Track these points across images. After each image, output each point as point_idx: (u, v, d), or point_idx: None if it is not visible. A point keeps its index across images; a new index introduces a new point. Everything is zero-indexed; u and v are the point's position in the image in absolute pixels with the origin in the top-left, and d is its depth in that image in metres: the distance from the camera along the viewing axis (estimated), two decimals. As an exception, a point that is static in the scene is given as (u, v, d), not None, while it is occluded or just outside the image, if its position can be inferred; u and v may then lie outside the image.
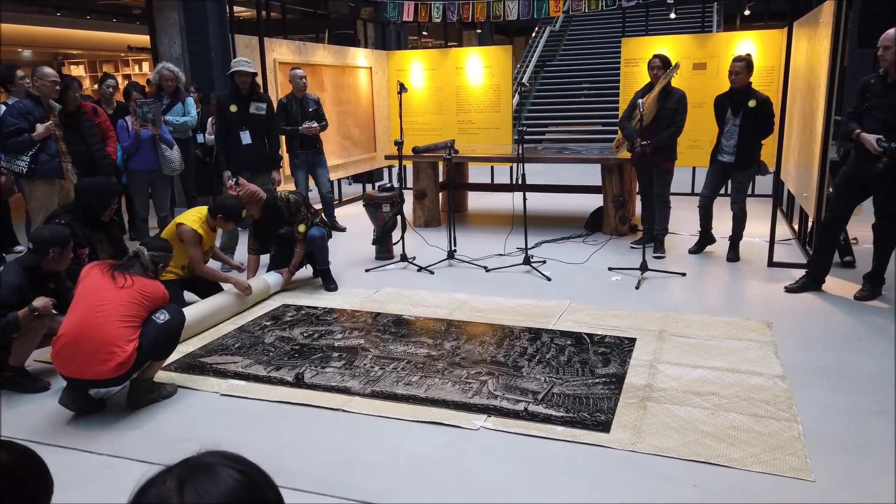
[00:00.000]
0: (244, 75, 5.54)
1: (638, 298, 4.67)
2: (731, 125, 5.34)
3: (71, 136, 5.05)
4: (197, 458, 0.88)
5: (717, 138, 5.47)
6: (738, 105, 5.27)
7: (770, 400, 3.09)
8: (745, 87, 5.26)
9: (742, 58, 5.28)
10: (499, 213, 7.90)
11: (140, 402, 3.17)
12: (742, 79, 5.22)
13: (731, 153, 5.34)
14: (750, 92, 5.26)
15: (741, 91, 5.26)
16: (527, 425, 2.93)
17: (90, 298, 3.01)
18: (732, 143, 5.32)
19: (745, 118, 5.23)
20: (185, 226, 4.37)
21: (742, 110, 5.24)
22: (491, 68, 8.64)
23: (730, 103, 5.35)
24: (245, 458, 0.92)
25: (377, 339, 3.98)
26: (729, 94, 5.37)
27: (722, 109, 5.43)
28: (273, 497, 0.89)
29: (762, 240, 5.76)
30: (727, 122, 5.37)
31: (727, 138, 5.37)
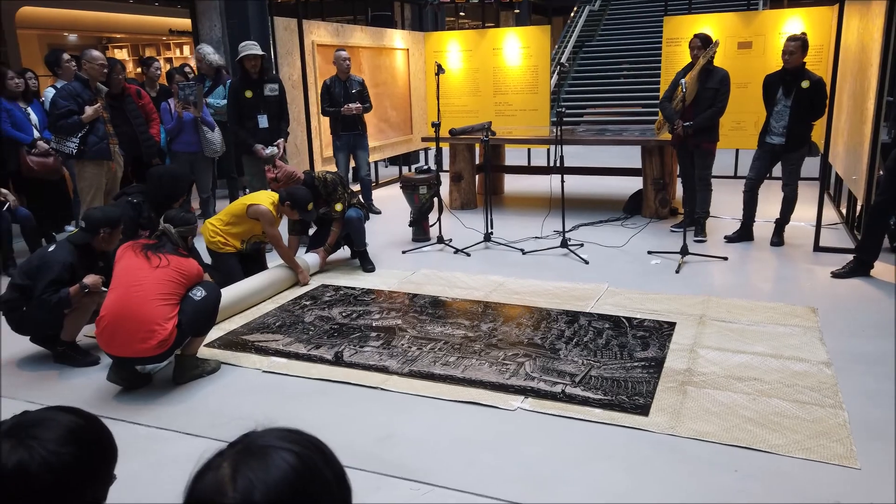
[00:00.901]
0: (254, 59, 5.44)
1: (678, 282, 4.60)
2: (781, 106, 5.17)
3: (116, 118, 5.17)
4: (253, 439, 0.88)
5: (766, 120, 5.30)
6: (791, 85, 5.10)
7: (814, 386, 3.03)
8: (799, 68, 5.08)
9: (797, 37, 5.10)
10: (536, 195, 7.84)
11: (185, 378, 3.26)
12: (796, 59, 5.05)
13: (780, 134, 5.19)
14: (803, 72, 5.09)
15: (794, 71, 5.09)
16: (564, 407, 2.92)
17: (127, 279, 3.10)
18: (782, 125, 5.16)
19: (798, 99, 5.06)
20: (260, 207, 4.48)
21: (794, 91, 5.07)
22: (529, 49, 8.54)
23: (781, 83, 5.18)
24: (304, 434, 0.92)
25: (414, 320, 4.01)
26: (780, 74, 5.20)
27: (772, 90, 5.25)
28: (331, 474, 0.88)
29: (808, 224, 5.61)
30: (777, 102, 5.20)
31: (777, 119, 5.21)
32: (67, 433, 1.07)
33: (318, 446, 0.91)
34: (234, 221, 4.56)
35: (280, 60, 6.54)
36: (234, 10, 8.63)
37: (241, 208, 4.54)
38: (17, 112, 5.29)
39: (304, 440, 0.90)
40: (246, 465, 0.84)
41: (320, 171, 5.05)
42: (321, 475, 0.87)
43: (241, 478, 0.82)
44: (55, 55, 5.68)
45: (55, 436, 1.05)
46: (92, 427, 1.14)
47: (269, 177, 4.83)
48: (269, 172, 4.84)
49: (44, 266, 3.36)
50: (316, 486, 0.86)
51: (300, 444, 0.88)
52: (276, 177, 4.79)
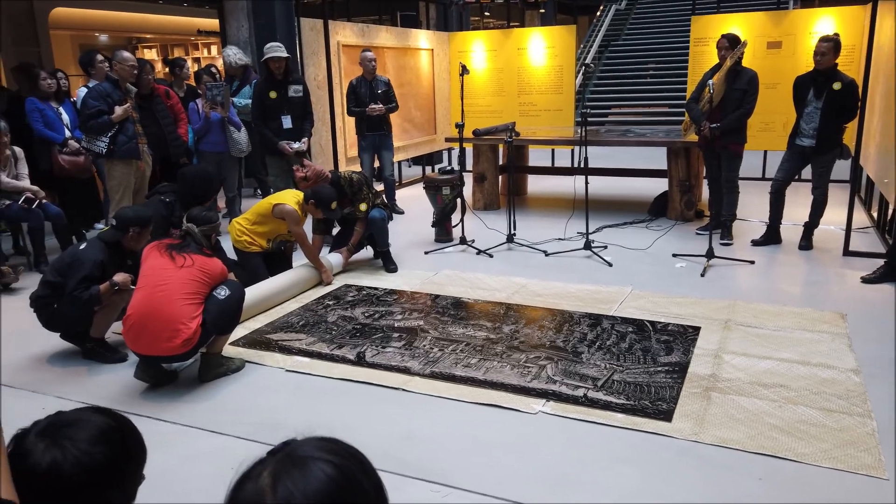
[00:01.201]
0: (278, 60, 5.49)
1: (703, 286, 4.55)
2: (812, 108, 5.08)
3: (145, 118, 5.26)
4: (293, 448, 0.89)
5: (796, 121, 5.21)
6: (822, 87, 5.01)
7: (842, 394, 2.97)
8: (831, 69, 4.99)
9: (829, 38, 5.00)
10: (559, 196, 7.80)
11: (210, 375, 3.30)
12: (828, 60, 4.95)
13: (810, 136, 5.10)
14: (835, 73, 4.99)
15: (826, 72, 4.99)
16: (586, 411, 2.91)
17: (153, 278, 3.15)
18: (813, 127, 5.07)
19: (829, 101, 4.96)
20: (286, 206, 4.53)
21: (826, 92, 4.98)
22: (554, 48, 8.49)
23: (812, 85, 5.09)
24: (343, 444, 0.93)
25: (436, 321, 4.02)
26: (812, 76, 5.11)
27: (803, 91, 5.15)
28: (369, 485, 0.89)
29: (837, 227, 5.51)
30: (808, 104, 5.10)
31: (807, 121, 5.12)
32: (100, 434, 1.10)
33: (357, 457, 0.92)
34: (260, 221, 4.61)
35: (306, 61, 6.59)
36: (261, 11, 8.72)
37: (268, 208, 4.59)
38: (49, 112, 5.41)
39: (344, 451, 0.91)
40: (286, 474, 0.85)
41: (346, 171, 5.08)
42: (360, 486, 0.88)
43: (280, 487, 0.83)
44: (89, 56, 5.78)
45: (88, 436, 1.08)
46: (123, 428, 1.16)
47: (299, 175, 4.85)
48: (298, 172, 4.87)
49: (75, 263, 3.43)
50: (355, 496, 0.87)
51: (340, 455, 0.90)
52: (305, 175, 4.82)
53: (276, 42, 5.67)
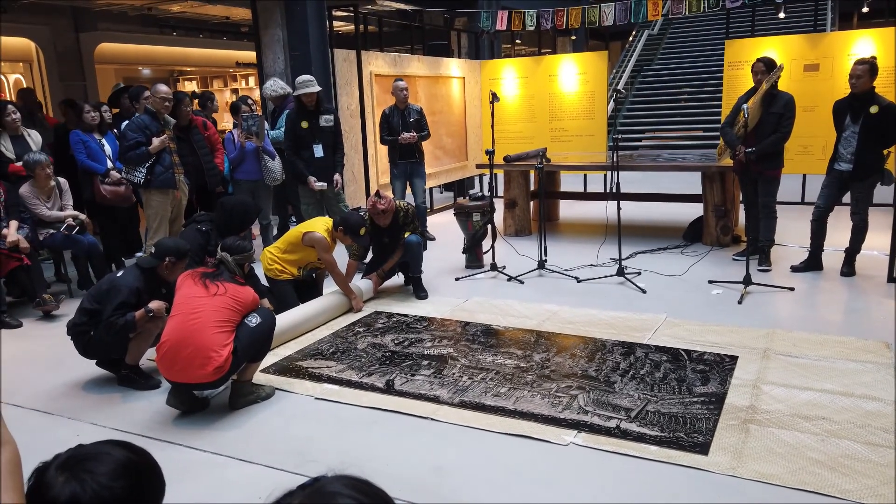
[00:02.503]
0: (310, 95, 5.62)
1: (741, 314, 4.43)
2: (849, 132, 4.97)
3: (183, 149, 5.40)
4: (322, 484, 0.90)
5: (835, 146, 5.10)
6: (859, 111, 4.90)
7: (888, 428, 2.84)
8: (868, 92, 4.88)
9: (865, 60, 4.90)
10: (591, 222, 7.74)
11: (240, 403, 3.32)
12: (864, 83, 4.85)
13: (848, 161, 4.98)
14: (873, 97, 4.88)
15: (862, 96, 4.89)
16: (619, 443, 2.84)
17: (186, 306, 3.19)
18: (850, 151, 4.95)
19: (866, 125, 4.85)
20: (316, 234, 4.59)
21: (862, 116, 4.87)
22: (586, 75, 8.50)
23: (850, 109, 4.99)
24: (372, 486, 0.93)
25: (466, 349, 3.99)
26: (849, 100, 5.01)
27: (841, 115, 5.05)
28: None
29: (882, 253, 5.33)
30: (846, 128, 4.99)
31: (845, 146, 5.00)
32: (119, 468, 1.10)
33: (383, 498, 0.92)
34: (290, 249, 4.67)
35: (339, 91, 6.71)
36: (296, 43, 8.93)
37: (297, 236, 4.64)
38: (92, 143, 5.59)
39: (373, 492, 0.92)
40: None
41: (401, 202, 5.14)
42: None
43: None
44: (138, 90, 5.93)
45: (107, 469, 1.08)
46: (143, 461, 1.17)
47: (380, 208, 4.85)
48: (378, 204, 4.86)
49: (113, 290, 3.50)
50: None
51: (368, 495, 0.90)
52: (384, 209, 4.84)
53: (309, 76, 5.77)
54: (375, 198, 4.88)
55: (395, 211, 4.96)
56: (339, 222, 4.70)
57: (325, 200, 5.82)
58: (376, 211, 4.83)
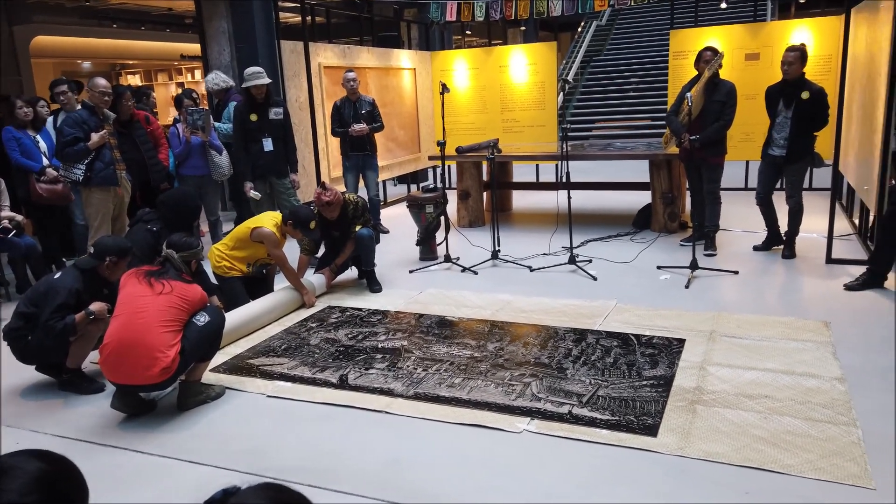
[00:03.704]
0: (260, 87, 5.50)
1: (688, 298, 4.54)
2: (782, 117, 5.16)
3: (125, 144, 5.22)
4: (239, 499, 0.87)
5: (769, 131, 5.28)
6: (791, 97, 5.09)
7: (827, 403, 2.96)
8: (799, 78, 5.06)
9: (795, 48, 5.09)
10: (544, 211, 7.81)
11: (189, 404, 3.25)
12: (795, 69, 5.04)
13: (782, 146, 5.16)
14: (804, 83, 5.07)
15: (794, 82, 5.07)
16: (571, 429, 2.87)
17: (131, 306, 3.10)
18: (783, 136, 5.14)
19: (798, 110, 5.04)
20: (264, 229, 4.50)
21: (795, 102, 5.05)
22: (536, 65, 8.55)
23: (782, 95, 5.16)
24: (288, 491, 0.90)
25: (420, 341, 3.98)
26: (781, 86, 5.19)
27: (773, 101, 5.24)
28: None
29: (820, 235, 5.53)
30: (779, 114, 5.19)
31: (778, 131, 5.19)
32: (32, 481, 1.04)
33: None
34: (238, 245, 4.58)
35: (287, 83, 6.59)
36: (242, 35, 8.73)
37: (246, 232, 4.55)
38: (26, 140, 5.36)
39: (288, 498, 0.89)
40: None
41: (350, 195, 5.07)
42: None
43: None
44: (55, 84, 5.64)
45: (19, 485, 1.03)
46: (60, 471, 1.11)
47: (325, 199, 4.78)
48: (323, 196, 4.78)
49: (50, 292, 3.37)
50: None
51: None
52: (330, 200, 4.76)
53: (258, 67, 5.65)
54: (320, 189, 4.82)
55: (345, 204, 4.91)
56: (288, 216, 4.62)
57: (276, 195, 5.72)
58: (321, 202, 4.77)
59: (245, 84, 5.52)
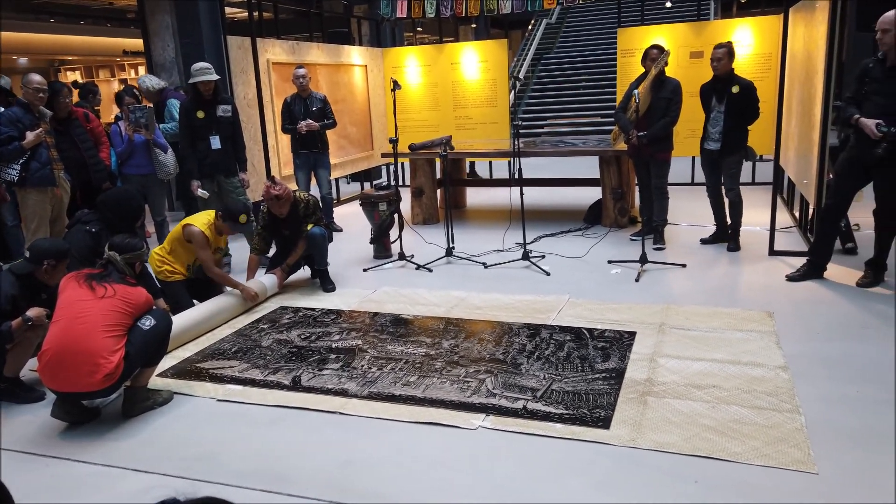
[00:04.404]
0: (208, 83, 5.38)
1: (638, 291, 4.63)
2: (716, 112, 5.35)
3: (63, 143, 5.03)
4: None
5: (704, 126, 5.47)
6: (722, 92, 5.28)
7: (772, 391, 3.05)
8: (728, 74, 5.25)
9: (723, 45, 5.30)
10: (497, 208, 7.85)
11: (135, 410, 3.14)
12: (724, 65, 5.23)
13: (716, 140, 5.34)
14: (733, 78, 5.25)
15: (724, 77, 5.26)
16: (525, 423, 2.89)
17: (71, 311, 2.98)
18: (718, 130, 5.33)
19: (730, 104, 5.23)
20: (193, 227, 4.37)
21: (726, 97, 5.23)
22: (487, 63, 8.58)
23: (714, 91, 5.35)
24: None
25: (375, 340, 3.95)
26: (712, 82, 5.38)
27: (707, 97, 5.44)
28: None
29: (763, 228, 5.70)
30: (712, 109, 5.39)
31: (713, 125, 5.39)
32: None
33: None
34: (176, 248, 4.44)
35: (235, 79, 6.44)
36: (187, 30, 8.51)
37: (179, 232, 4.41)
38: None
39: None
40: None
41: (299, 192, 4.98)
42: None
43: None
44: None
45: None
46: None
47: (274, 193, 4.67)
48: (272, 189, 4.68)
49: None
50: None
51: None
52: (279, 194, 4.66)
53: (205, 63, 5.51)
54: (269, 183, 4.73)
55: (296, 202, 4.83)
56: (219, 210, 4.52)
57: (224, 194, 5.59)
58: (270, 196, 4.68)
59: (192, 80, 5.38)
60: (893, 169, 4.17)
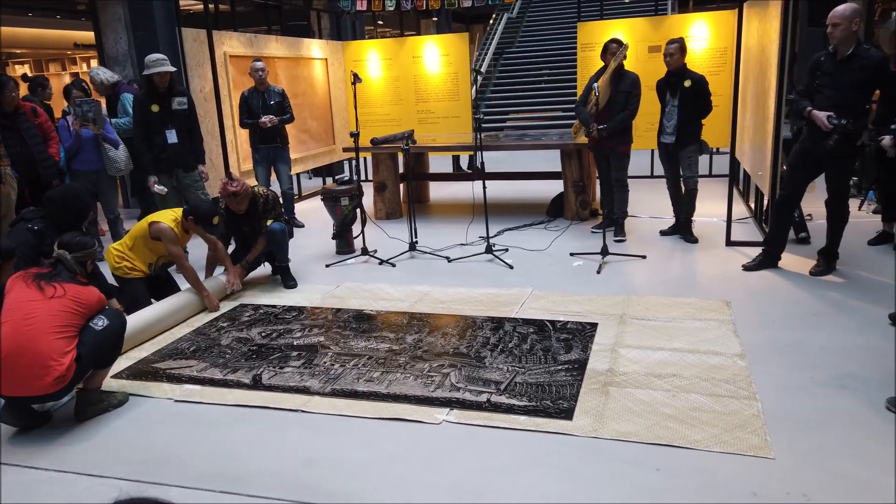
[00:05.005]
0: (164, 74, 5.24)
1: (599, 283, 4.67)
2: (670, 106, 5.45)
3: (10, 138, 4.85)
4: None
5: (660, 120, 5.55)
6: (676, 86, 5.38)
7: (730, 379, 3.11)
8: (681, 69, 5.34)
9: (675, 40, 5.39)
10: (461, 202, 7.85)
11: (88, 413, 3.05)
12: (677, 60, 5.32)
13: (671, 133, 5.43)
14: (685, 72, 5.34)
15: (677, 72, 5.35)
16: (489, 416, 2.89)
17: (19, 312, 2.87)
18: (673, 124, 5.42)
19: (683, 99, 5.32)
20: (161, 224, 4.26)
21: (679, 90, 5.31)
22: (448, 56, 8.55)
23: (668, 85, 5.43)
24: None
25: (337, 336, 3.90)
26: (666, 77, 5.47)
27: (662, 92, 5.53)
28: None
29: (720, 219, 5.81)
30: (667, 103, 5.49)
31: (668, 119, 5.49)
32: None
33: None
34: (138, 243, 4.33)
35: (191, 73, 6.29)
36: (140, 23, 8.29)
37: (144, 228, 4.30)
38: None
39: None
40: None
41: (260, 188, 4.88)
42: None
43: None
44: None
45: None
46: None
47: (231, 190, 4.57)
48: (229, 186, 4.57)
49: (-76, 302, 3.07)
50: None
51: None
52: (236, 191, 4.56)
53: (160, 54, 5.35)
54: (226, 179, 4.63)
55: (254, 198, 4.74)
56: (188, 211, 4.38)
57: (183, 189, 5.46)
58: (228, 193, 4.58)
59: (147, 71, 5.22)
60: (844, 160, 4.28)
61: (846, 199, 4.47)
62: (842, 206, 4.44)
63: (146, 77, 5.27)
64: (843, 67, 4.17)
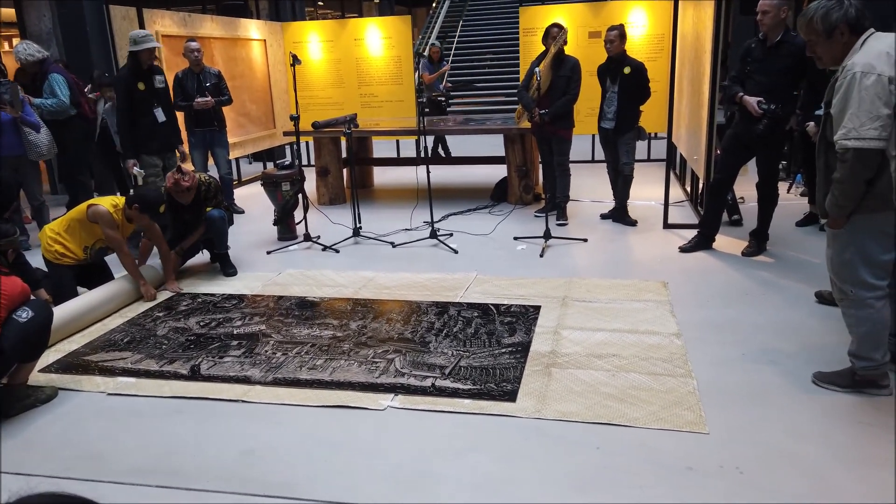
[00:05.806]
0: (151, 52, 5.09)
1: (543, 266, 4.72)
2: (610, 92, 5.54)
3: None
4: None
5: (600, 106, 5.64)
6: (616, 72, 5.46)
7: (667, 358, 3.19)
8: (621, 55, 5.42)
9: (615, 27, 5.47)
10: (405, 187, 7.80)
11: (14, 410, 2.91)
12: (616, 47, 5.40)
13: (611, 119, 5.53)
14: (625, 59, 5.42)
15: (617, 58, 5.43)
16: (434, 401, 2.89)
17: None
18: (612, 110, 5.52)
19: (623, 85, 5.41)
20: (99, 207, 4.09)
21: (619, 77, 5.40)
22: (391, 39, 8.45)
23: (608, 72, 5.51)
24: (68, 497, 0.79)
25: (279, 324, 3.83)
26: (607, 63, 5.54)
27: (603, 78, 5.61)
28: None
29: (657, 203, 5.95)
30: (608, 89, 5.57)
31: (608, 105, 5.58)
32: None
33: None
34: (74, 226, 4.13)
35: (119, 52, 6.02)
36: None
37: (82, 211, 4.12)
38: None
39: None
40: None
41: (200, 175, 4.71)
42: None
43: None
44: None
45: None
46: None
47: (184, 185, 4.37)
48: (182, 181, 4.37)
49: None
50: None
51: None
52: (189, 186, 4.39)
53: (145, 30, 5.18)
54: (178, 175, 4.44)
55: (197, 185, 4.59)
56: (133, 199, 4.20)
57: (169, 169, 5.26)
58: (180, 189, 4.41)
59: (133, 48, 5.05)
60: (773, 144, 4.44)
61: (776, 183, 4.64)
62: (772, 189, 4.61)
63: (131, 54, 5.07)
64: (773, 54, 4.30)
